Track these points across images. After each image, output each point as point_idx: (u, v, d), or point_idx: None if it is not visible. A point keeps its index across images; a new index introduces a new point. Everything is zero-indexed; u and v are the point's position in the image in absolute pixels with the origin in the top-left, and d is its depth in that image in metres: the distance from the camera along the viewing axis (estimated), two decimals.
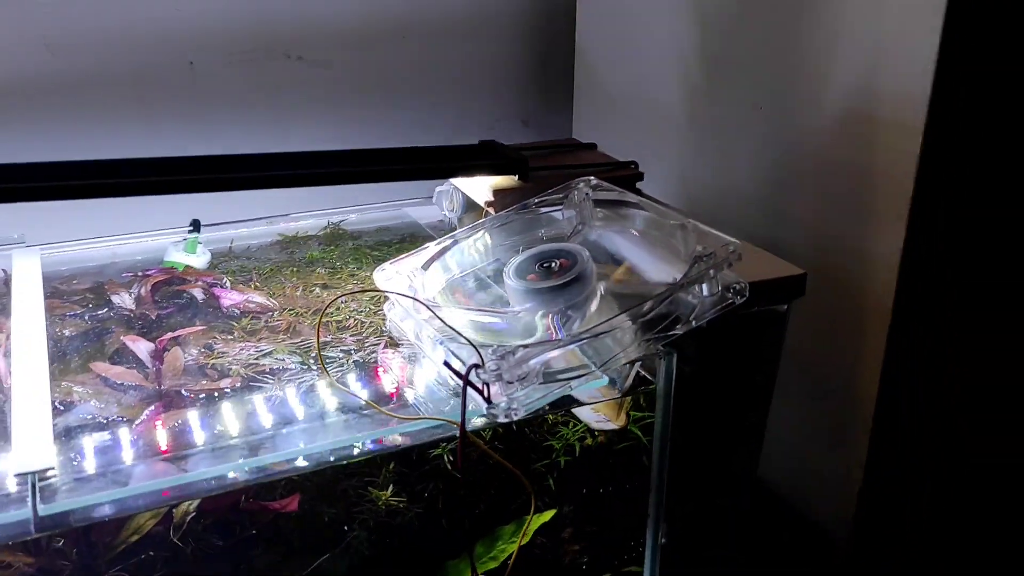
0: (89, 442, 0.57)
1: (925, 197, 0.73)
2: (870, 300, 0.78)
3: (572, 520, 0.77)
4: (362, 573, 0.68)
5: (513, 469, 0.58)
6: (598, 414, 0.69)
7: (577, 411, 0.69)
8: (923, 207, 0.73)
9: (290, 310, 0.76)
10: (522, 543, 0.72)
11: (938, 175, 0.72)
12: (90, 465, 0.55)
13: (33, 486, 0.49)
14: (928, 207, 0.73)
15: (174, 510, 0.60)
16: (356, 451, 0.58)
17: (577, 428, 0.73)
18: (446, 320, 0.59)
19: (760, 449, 0.75)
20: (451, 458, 0.69)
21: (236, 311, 0.74)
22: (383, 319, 0.72)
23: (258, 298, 0.76)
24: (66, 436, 0.58)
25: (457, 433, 0.55)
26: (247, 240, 0.91)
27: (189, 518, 0.61)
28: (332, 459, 0.58)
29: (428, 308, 0.59)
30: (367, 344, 0.71)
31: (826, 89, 0.79)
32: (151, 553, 0.60)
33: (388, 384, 0.65)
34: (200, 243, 0.86)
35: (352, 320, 0.75)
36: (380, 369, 0.66)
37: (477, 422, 0.61)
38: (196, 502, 0.60)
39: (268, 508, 0.62)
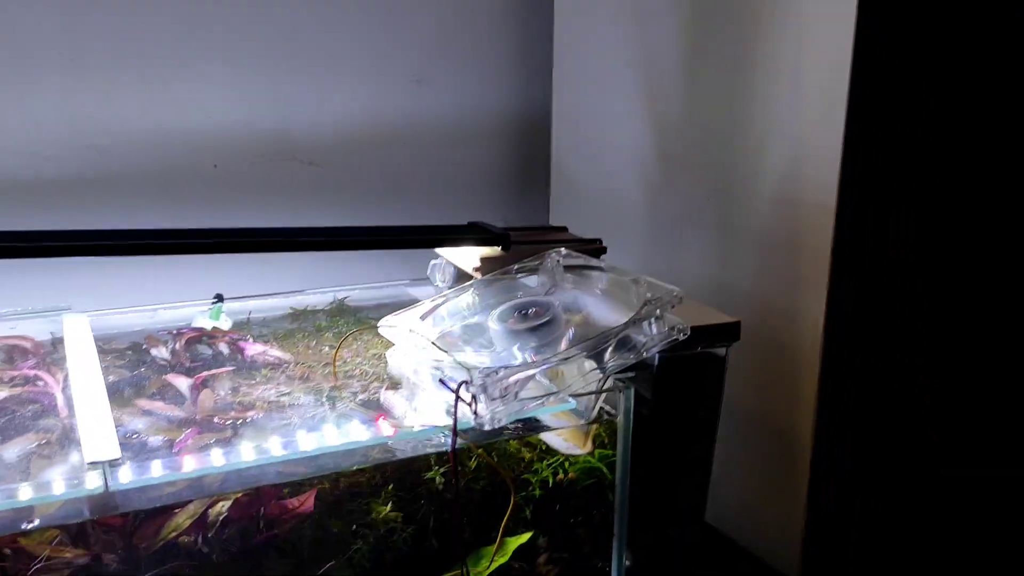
0: (142, 448, 0.68)
1: (841, 263, 0.87)
2: (803, 355, 0.91)
3: (547, 547, 0.87)
4: None
5: (496, 465, 0.69)
6: (567, 443, 0.80)
7: (549, 440, 0.81)
8: (839, 273, 0.87)
9: (303, 363, 0.88)
10: (502, 561, 0.82)
11: (849, 246, 0.87)
12: (144, 463, 0.66)
13: (105, 471, 0.60)
14: (843, 272, 0.87)
15: (209, 510, 0.70)
16: (359, 457, 0.70)
17: (552, 462, 0.85)
18: (441, 352, 0.71)
19: (707, 483, 0.86)
20: (443, 479, 0.80)
21: (258, 362, 0.86)
22: (384, 370, 0.84)
23: (276, 351, 0.88)
24: (122, 446, 0.69)
25: (449, 446, 0.67)
26: (263, 312, 1.04)
27: (221, 518, 0.71)
28: (342, 453, 0.69)
29: (426, 339, 0.71)
30: (371, 388, 0.83)
31: (761, 179, 0.95)
32: (191, 537, 0.70)
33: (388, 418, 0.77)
34: (223, 312, 0.99)
35: (358, 370, 0.87)
36: (383, 405, 0.78)
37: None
38: (228, 503, 0.71)
39: (287, 507, 0.72)
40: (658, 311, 0.71)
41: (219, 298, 1.01)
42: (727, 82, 0.97)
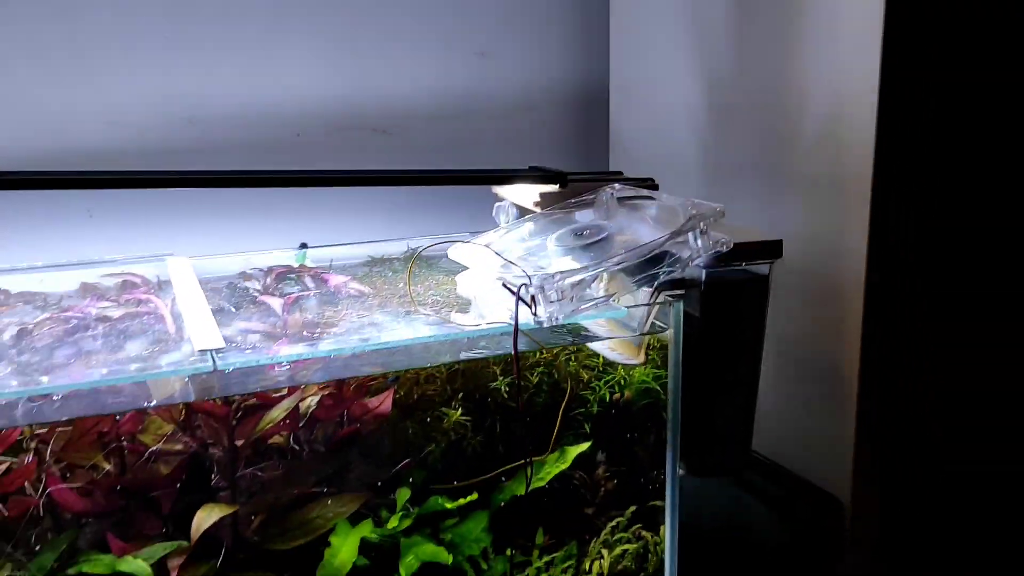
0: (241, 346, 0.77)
1: (880, 198, 0.92)
2: (848, 286, 0.95)
3: (605, 460, 0.94)
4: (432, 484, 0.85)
5: (547, 351, 0.76)
6: (622, 354, 0.87)
7: (606, 354, 0.88)
8: (879, 206, 0.92)
9: (381, 295, 0.97)
10: (563, 467, 0.89)
11: (889, 181, 0.92)
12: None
13: (212, 356, 0.69)
14: (882, 206, 0.92)
15: (300, 404, 0.79)
16: (432, 353, 0.78)
17: (609, 379, 0.92)
18: (504, 262, 0.79)
19: (754, 404, 0.91)
20: (508, 388, 0.87)
21: (340, 292, 0.95)
22: (454, 297, 0.92)
23: (356, 284, 0.97)
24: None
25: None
26: (342, 260, 1.13)
27: (311, 411, 0.80)
28: (418, 348, 0.76)
29: (491, 252, 0.79)
30: (442, 312, 0.91)
31: (805, 121, 1.00)
32: (283, 435, 0.79)
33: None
34: (307, 258, 1.08)
35: (430, 300, 0.96)
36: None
37: None
38: (316, 399, 0.79)
39: (367, 407, 0.81)
40: (702, 224, 0.78)
41: (304, 246, 1.10)
42: (771, 33, 1.03)
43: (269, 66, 1.26)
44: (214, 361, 0.68)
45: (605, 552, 0.91)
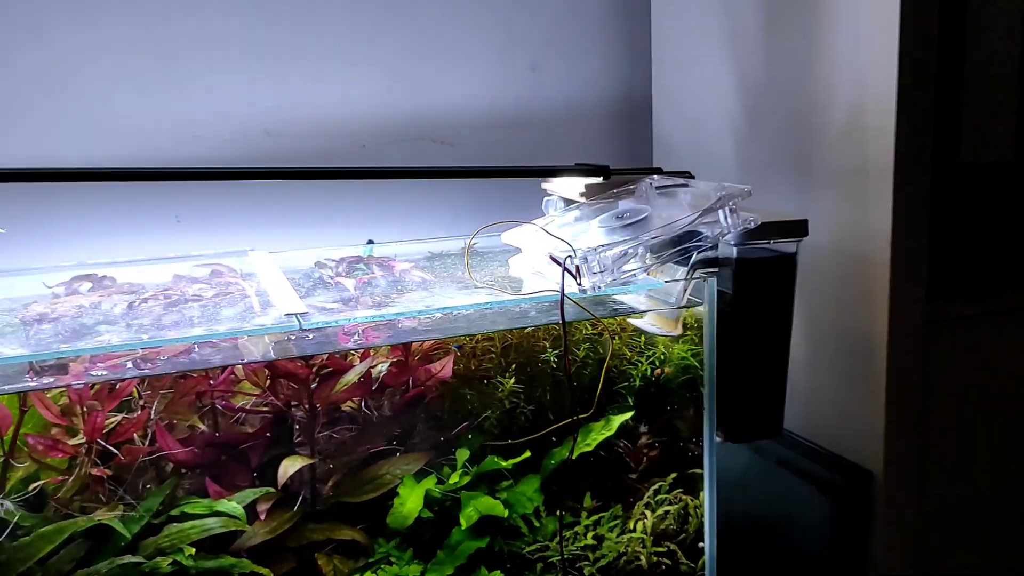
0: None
1: (902, 181, 0.99)
2: (875, 266, 1.02)
3: (647, 431, 1.01)
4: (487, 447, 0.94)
5: (597, 319, 0.84)
6: (661, 328, 0.95)
7: (646, 328, 0.96)
8: (901, 192, 0.99)
9: (441, 282, 1.06)
10: (608, 435, 0.97)
11: (907, 165, 0.99)
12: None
13: (298, 318, 0.79)
14: (905, 191, 0.99)
15: (371, 368, 0.89)
16: (487, 322, 0.86)
17: (650, 356, 0.99)
18: (553, 238, 0.88)
19: (785, 377, 0.98)
20: (556, 361, 0.96)
21: (405, 279, 1.05)
22: (508, 278, 1.01)
23: (419, 272, 1.07)
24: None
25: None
26: (404, 256, 1.23)
27: (382, 375, 0.89)
28: (475, 316, 0.85)
29: (541, 228, 0.88)
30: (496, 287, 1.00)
31: (831, 114, 1.07)
32: (356, 400, 0.88)
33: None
34: (373, 253, 1.18)
35: (485, 282, 1.05)
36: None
37: None
38: (386, 365, 0.89)
39: (430, 371, 0.90)
40: (732, 203, 0.85)
41: (370, 242, 1.21)
42: (797, 35, 1.11)
43: (338, 82, 1.38)
44: (299, 322, 0.78)
45: (648, 513, 0.98)
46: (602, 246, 0.82)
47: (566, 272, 0.82)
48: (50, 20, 1.21)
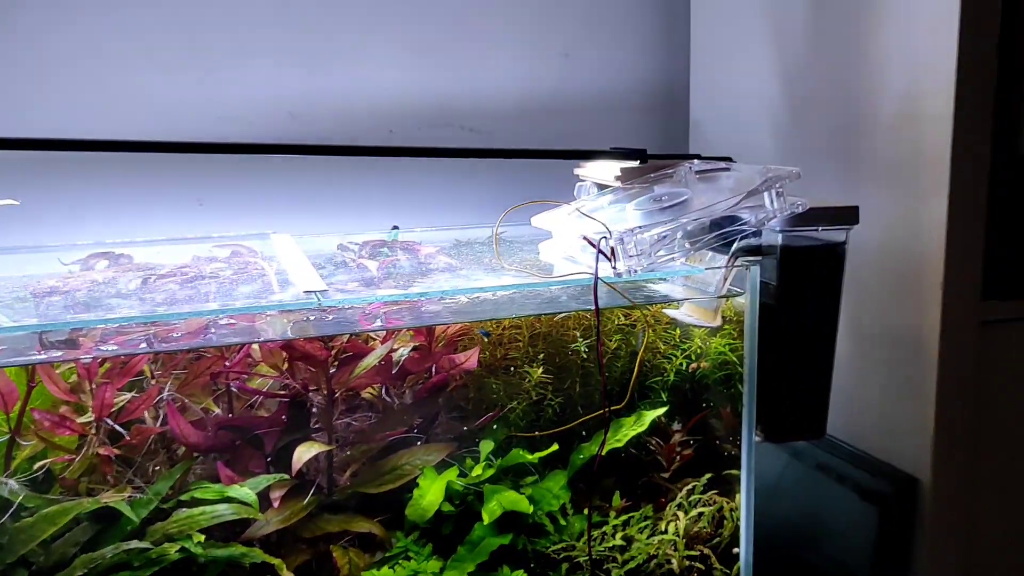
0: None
1: (959, 172, 0.93)
2: (929, 262, 0.96)
3: (681, 430, 0.96)
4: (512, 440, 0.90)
5: (634, 304, 0.80)
6: (699, 319, 0.90)
7: (684, 319, 0.91)
8: (958, 184, 0.93)
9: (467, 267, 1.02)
10: (639, 431, 0.92)
11: (964, 156, 0.93)
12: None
13: (317, 296, 0.75)
14: (961, 183, 0.93)
15: (392, 353, 0.84)
16: (515, 307, 0.82)
17: (686, 349, 0.95)
18: (587, 219, 0.83)
19: (830, 375, 0.93)
20: (586, 351, 0.91)
21: (430, 263, 1.01)
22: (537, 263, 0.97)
23: (445, 257, 1.03)
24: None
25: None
26: (429, 242, 1.19)
27: (403, 360, 0.85)
28: (503, 300, 0.81)
29: (576, 209, 0.84)
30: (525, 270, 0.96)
31: (882, 102, 1.02)
32: (376, 387, 0.84)
33: None
34: (398, 239, 1.14)
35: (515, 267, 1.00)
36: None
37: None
38: (408, 349, 0.84)
39: (455, 361, 0.86)
40: (778, 185, 0.80)
41: (396, 228, 1.17)
42: (848, 19, 1.05)
43: (366, 66, 1.34)
44: (318, 299, 0.74)
45: (681, 515, 0.93)
46: (639, 227, 0.78)
47: (600, 255, 0.77)
48: (78, 0, 1.19)
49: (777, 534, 1.06)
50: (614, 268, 0.78)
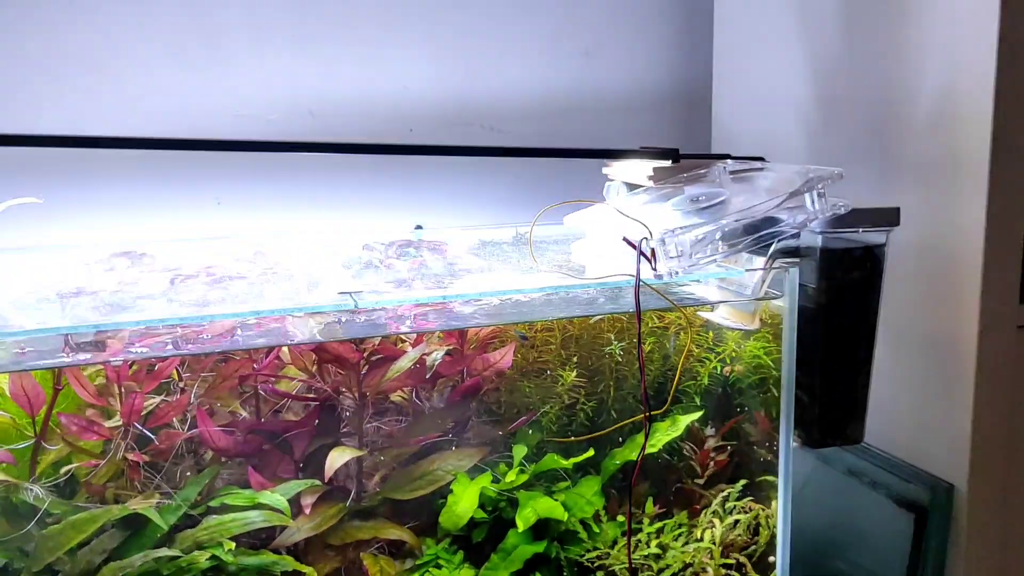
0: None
1: (999, 173, 0.91)
2: (966, 266, 0.94)
3: (715, 435, 0.94)
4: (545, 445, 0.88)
5: (677, 306, 0.78)
6: (737, 321, 0.88)
7: (721, 322, 0.89)
8: (996, 185, 0.91)
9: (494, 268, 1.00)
10: (675, 436, 0.90)
11: (1004, 155, 0.91)
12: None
13: (352, 297, 0.73)
14: (1000, 184, 0.91)
15: (425, 356, 0.83)
16: (551, 308, 0.80)
17: (721, 352, 0.93)
18: (625, 217, 0.81)
19: (869, 377, 0.91)
20: (621, 355, 0.89)
21: (457, 263, 0.99)
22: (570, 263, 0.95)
23: (471, 258, 1.01)
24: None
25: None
26: (454, 242, 1.17)
27: (436, 364, 0.83)
28: (539, 302, 0.79)
29: (614, 208, 0.82)
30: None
31: (918, 102, 1.00)
32: (407, 391, 0.82)
33: None
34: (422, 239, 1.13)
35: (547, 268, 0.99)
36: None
37: None
38: (442, 352, 0.83)
39: (489, 361, 0.84)
40: (820, 186, 0.79)
41: (419, 227, 1.15)
42: (883, 15, 1.03)
43: (386, 64, 1.32)
44: (354, 301, 0.72)
45: (717, 522, 0.91)
46: (680, 228, 0.76)
47: (641, 256, 0.76)
48: None
49: (806, 540, 1.04)
50: (654, 270, 0.76)
